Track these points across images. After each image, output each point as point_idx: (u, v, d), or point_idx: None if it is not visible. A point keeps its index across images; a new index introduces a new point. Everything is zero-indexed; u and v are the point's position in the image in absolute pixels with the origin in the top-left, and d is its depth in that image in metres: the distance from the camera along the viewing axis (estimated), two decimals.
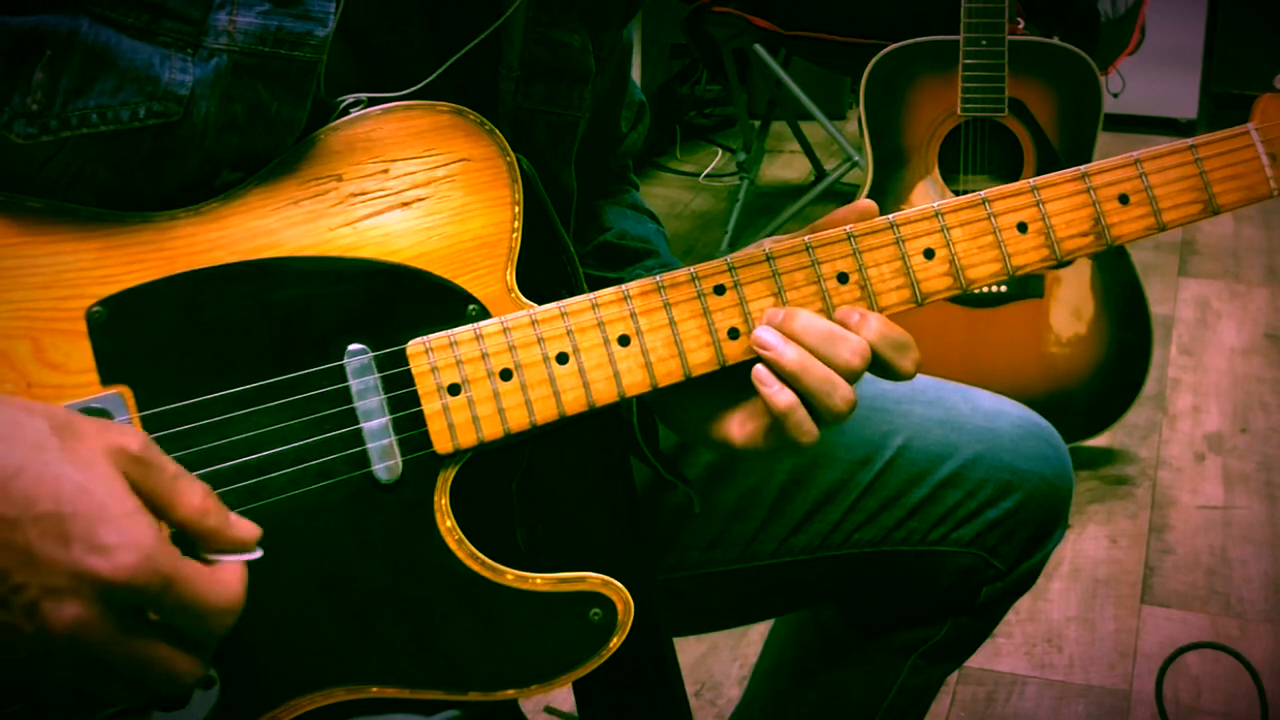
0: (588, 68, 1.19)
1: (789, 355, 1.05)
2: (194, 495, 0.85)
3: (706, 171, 4.57)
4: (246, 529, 0.88)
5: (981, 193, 1.10)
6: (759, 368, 1.07)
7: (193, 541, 0.86)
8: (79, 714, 0.89)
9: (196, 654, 0.85)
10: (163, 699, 0.94)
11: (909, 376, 1.09)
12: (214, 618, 0.84)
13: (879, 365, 1.08)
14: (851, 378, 1.06)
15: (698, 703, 2.23)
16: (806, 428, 1.07)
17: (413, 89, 1.03)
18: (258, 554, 0.88)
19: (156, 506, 0.84)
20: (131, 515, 0.81)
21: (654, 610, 1.11)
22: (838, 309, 1.08)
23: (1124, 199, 1.12)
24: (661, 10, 4.46)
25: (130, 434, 0.84)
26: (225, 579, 0.85)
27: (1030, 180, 1.10)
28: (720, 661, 2.33)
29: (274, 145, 0.99)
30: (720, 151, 4.67)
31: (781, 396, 1.06)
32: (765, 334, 1.06)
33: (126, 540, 0.80)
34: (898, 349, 1.08)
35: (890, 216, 1.09)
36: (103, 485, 0.81)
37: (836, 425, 1.08)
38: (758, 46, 3.66)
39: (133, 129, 0.94)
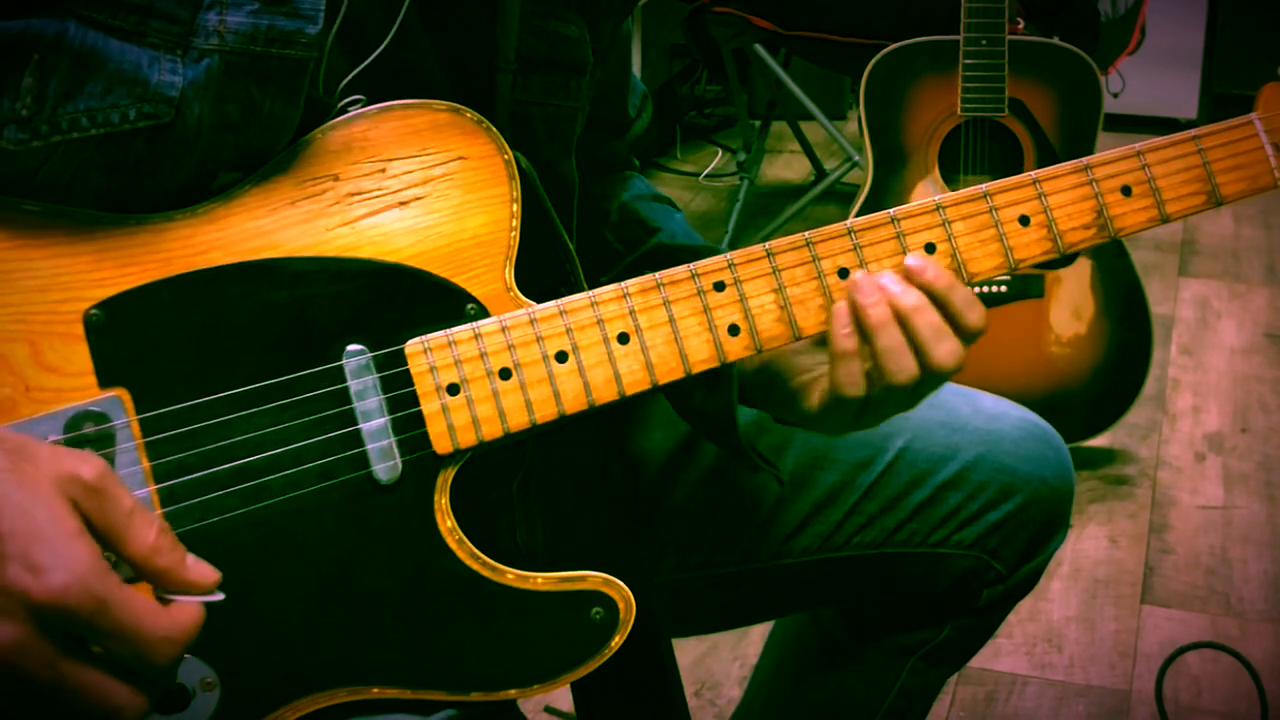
0: (585, 59, 1.18)
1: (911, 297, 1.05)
2: (147, 532, 0.83)
3: (706, 171, 4.56)
4: (202, 573, 0.85)
5: (983, 185, 1.09)
6: (839, 306, 1.06)
7: (148, 580, 0.84)
8: None
9: (140, 687, 0.82)
10: (162, 701, 0.94)
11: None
12: (153, 647, 0.81)
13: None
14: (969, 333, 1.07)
15: (698, 703, 2.23)
16: (854, 380, 1.06)
17: (377, 52, 1.02)
18: (219, 596, 0.85)
19: (108, 540, 0.82)
20: (69, 537, 0.79)
21: (652, 610, 1.10)
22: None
23: (1126, 190, 1.11)
24: (661, 10, 4.45)
25: (88, 463, 0.82)
26: (172, 610, 0.82)
27: (1032, 173, 1.10)
28: (720, 661, 2.33)
29: (270, 143, 0.98)
30: (720, 151, 4.67)
31: (849, 342, 1.06)
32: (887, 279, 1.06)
33: (60, 561, 0.78)
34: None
35: (891, 211, 1.08)
36: (43, 507, 0.79)
37: (932, 386, 1.08)
38: (758, 46, 3.66)
39: (124, 131, 0.93)
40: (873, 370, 1.07)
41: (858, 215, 2.67)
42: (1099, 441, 2.90)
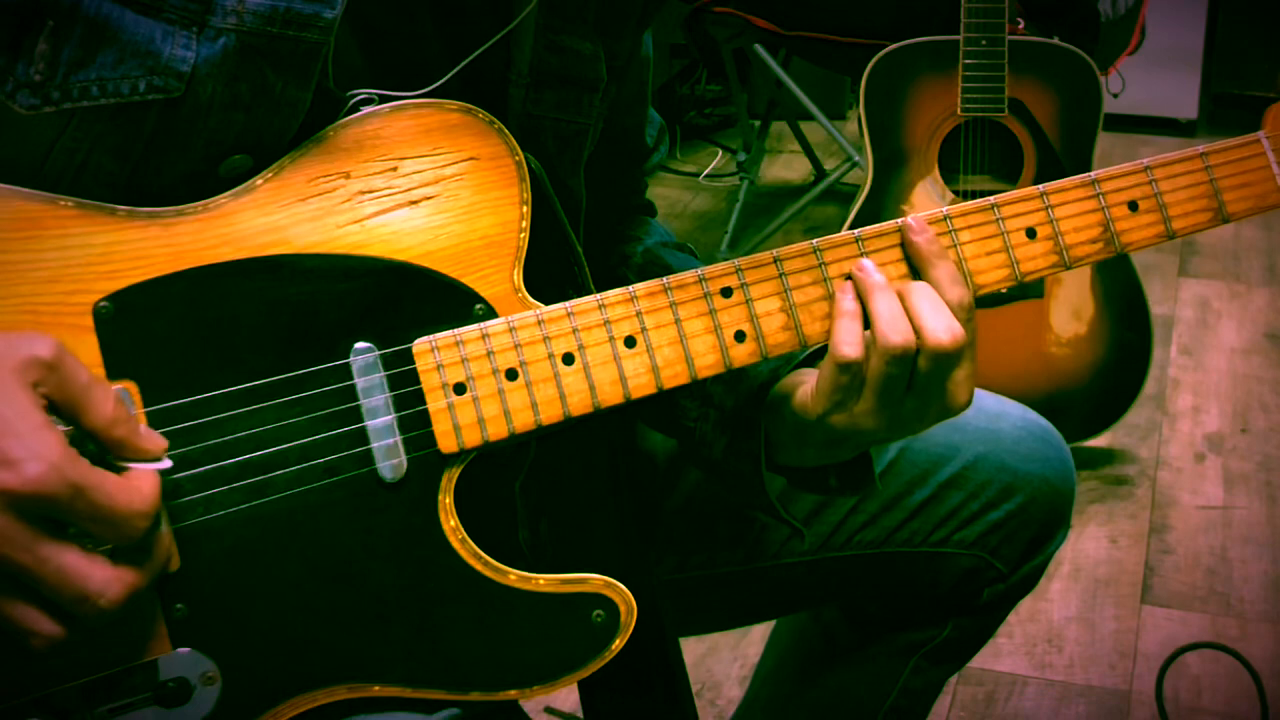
0: (599, 76, 1.18)
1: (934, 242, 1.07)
2: (105, 404, 0.87)
3: (706, 171, 4.56)
4: (153, 440, 0.91)
5: (991, 198, 1.09)
6: (845, 281, 1.07)
7: (104, 449, 0.89)
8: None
9: (120, 565, 0.87)
10: (163, 695, 0.95)
11: None
12: (128, 522, 0.86)
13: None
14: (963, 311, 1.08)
15: (698, 703, 2.23)
16: (851, 339, 1.06)
17: (423, 91, 1.03)
18: (167, 463, 0.91)
19: (69, 413, 0.86)
20: (38, 430, 0.83)
21: (658, 611, 1.11)
22: None
23: (1133, 206, 1.11)
24: (661, 10, 4.45)
25: (40, 341, 0.86)
26: (136, 485, 0.88)
27: (1040, 186, 1.10)
28: (720, 661, 2.33)
29: (279, 125, 0.99)
30: (720, 151, 4.67)
31: (849, 303, 1.07)
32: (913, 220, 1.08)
33: (33, 453, 0.82)
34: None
35: (897, 221, 1.08)
36: (9, 403, 0.83)
37: (935, 386, 1.08)
38: (758, 46, 3.66)
39: (134, 103, 0.94)
40: (869, 337, 1.06)
41: (857, 215, 2.65)
42: (1099, 441, 2.90)
